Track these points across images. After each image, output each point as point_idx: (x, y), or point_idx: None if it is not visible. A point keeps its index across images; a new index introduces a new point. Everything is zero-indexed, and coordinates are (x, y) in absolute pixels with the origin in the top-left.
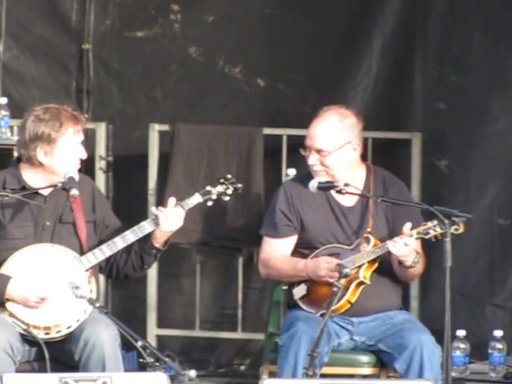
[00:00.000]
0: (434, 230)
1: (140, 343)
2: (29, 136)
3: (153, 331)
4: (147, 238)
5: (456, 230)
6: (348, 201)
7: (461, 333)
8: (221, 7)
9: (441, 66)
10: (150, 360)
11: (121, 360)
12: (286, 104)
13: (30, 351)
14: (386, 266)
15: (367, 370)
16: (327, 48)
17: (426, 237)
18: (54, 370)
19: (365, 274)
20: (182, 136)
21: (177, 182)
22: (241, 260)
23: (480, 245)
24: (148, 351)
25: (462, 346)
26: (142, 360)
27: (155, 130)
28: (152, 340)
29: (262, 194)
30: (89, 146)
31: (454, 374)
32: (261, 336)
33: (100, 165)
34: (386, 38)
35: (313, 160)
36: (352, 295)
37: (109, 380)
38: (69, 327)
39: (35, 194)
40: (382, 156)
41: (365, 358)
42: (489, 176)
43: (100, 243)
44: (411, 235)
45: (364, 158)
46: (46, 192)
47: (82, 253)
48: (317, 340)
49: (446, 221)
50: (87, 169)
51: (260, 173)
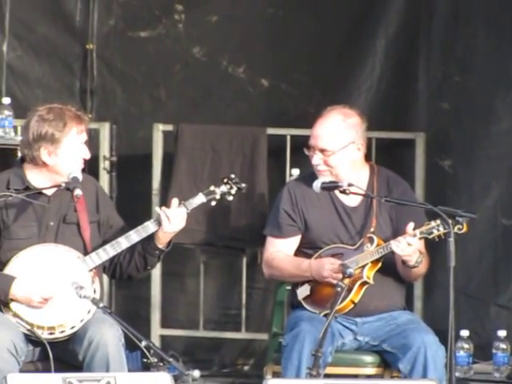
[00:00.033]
0: (438, 230)
1: (144, 343)
2: (32, 136)
3: (156, 331)
4: (150, 239)
5: (459, 229)
6: (352, 201)
7: (465, 333)
8: (224, 7)
9: (445, 66)
10: (153, 360)
11: (125, 360)
12: (289, 104)
13: (33, 351)
14: (389, 266)
15: (371, 370)
16: (331, 48)
17: (430, 236)
18: (58, 370)
19: (368, 273)
20: (185, 136)
21: (181, 182)
22: (244, 260)
23: (484, 245)
24: (152, 351)
25: (466, 346)
26: (145, 360)
27: (159, 130)
28: (156, 340)
29: (265, 193)
30: (92, 146)
31: (457, 374)
32: (264, 336)
33: (104, 165)
34: (389, 38)
35: (317, 160)
36: (356, 295)
37: (113, 380)
38: (73, 327)
39: (39, 194)
40: (385, 156)
41: (369, 358)
42: (493, 176)
43: (104, 243)
44: (414, 235)
45: (368, 157)
46: (49, 192)
47: (85, 253)
48: (320, 340)
49: (450, 220)
50: (91, 169)
51: (264, 173)
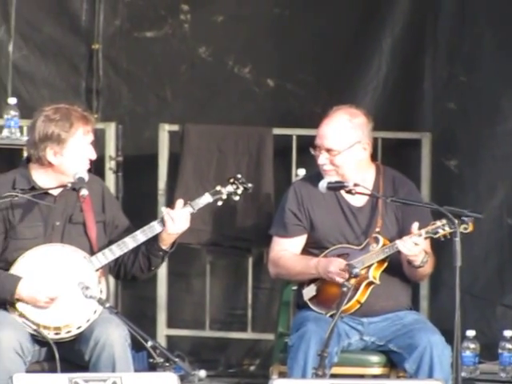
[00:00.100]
0: (443, 230)
1: (150, 343)
2: (38, 136)
3: (163, 331)
4: (154, 240)
5: (465, 228)
6: (357, 201)
7: (471, 333)
8: (230, 7)
9: (451, 66)
10: (159, 360)
11: (131, 360)
12: (295, 104)
13: (40, 351)
14: (395, 266)
15: (377, 370)
16: (337, 48)
17: (435, 236)
18: (64, 370)
19: (374, 273)
20: (191, 136)
21: (187, 182)
22: (251, 260)
23: (490, 245)
24: (158, 351)
25: (472, 346)
26: (151, 360)
27: (165, 130)
28: (162, 340)
29: (271, 193)
30: (98, 146)
31: (463, 374)
32: (270, 336)
33: (110, 165)
34: (395, 38)
35: (323, 159)
36: (362, 295)
37: (119, 380)
38: (79, 327)
39: (45, 194)
40: (391, 156)
41: (375, 358)
42: (499, 176)
43: (109, 243)
44: (420, 235)
45: (374, 157)
46: (55, 192)
47: (91, 253)
48: (326, 340)
49: (456, 220)
50: (97, 169)
51: (270, 173)
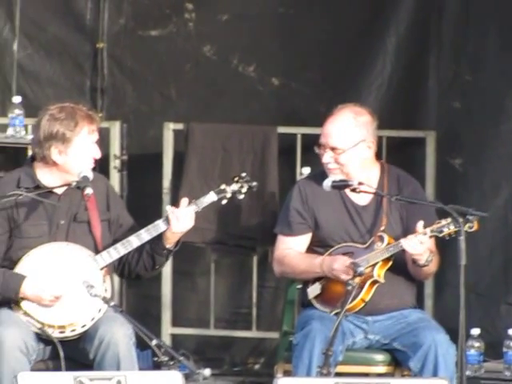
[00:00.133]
0: (448, 228)
1: (155, 342)
2: (43, 135)
3: (167, 330)
4: (158, 239)
5: (470, 227)
6: (362, 199)
7: (475, 331)
8: (235, 6)
9: (455, 65)
10: (164, 359)
11: (135, 359)
12: (300, 103)
13: (44, 350)
14: (400, 265)
15: (382, 369)
16: (341, 47)
17: (440, 235)
18: (69, 368)
19: (379, 272)
20: (196, 135)
21: (191, 181)
22: (255, 259)
23: (494, 243)
24: (163, 350)
25: (477, 344)
26: (156, 359)
27: (170, 129)
28: (166, 339)
29: (276, 192)
30: (103, 144)
31: (468, 373)
32: (275, 335)
33: (114, 164)
34: (400, 37)
35: (327, 158)
36: (366, 294)
37: (123, 379)
38: (83, 326)
39: (49, 192)
40: (396, 154)
41: (379, 356)
42: (503, 175)
43: (114, 242)
44: (425, 233)
45: (378, 156)
46: (60, 191)
47: (96, 251)
48: (331, 339)
49: (461, 219)
50: (102, 168)
51: (274, 171)
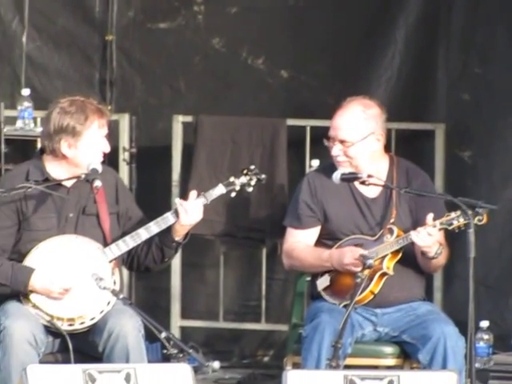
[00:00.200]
0: (458, 221)
1: (164, 334)
2: (53, 128)
3: (176, 322)
4: (168, 231)
5: (479, 220)
6: (371, 192)
7: (484, 324)
8: None
9: (465, 57)
10: (173, 351)
11: (144, 351)
12: (309, 95)
13: (53, 343)
14: (409, 257)
15: (391, 361)
16: (350, 39)
17: (450, 227)
18: (78, 361)
19: (388, 264)
20: (205, 127)
21: (200, 174)
22: (264, 251)
23: (504, 236)
24: (172, 342)
25: (486, 336)
26: (165, 351)
27: (179, 122)
28: (176, 331)
29: (285, 185)
30: (112, 137)
31: (477, 365)
32: (284, 327)
33: (123, 156)
34: (409, 29)
35: (336, 151)
36: (375, 286)
37: (132, 371)
38: (92, 319)
39: (58, 185)
40: (405, 147)
41: (388, 349)
42: None
43: (123, 235)
44: (434, 226)
45: (387, 149)
46: (68, 184)
47: (105, 244)
48: (340, 331)
49: (470, 211)
50: (111, 160)
51: (283, 164)
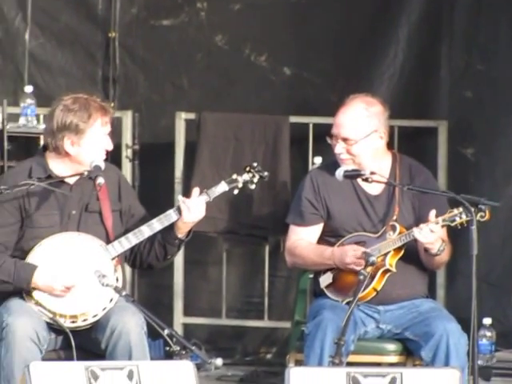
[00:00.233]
0: (460, 218)
1: (166, 331)
2: (57, 125)
3: (179, 319)
4: (170, 229)
5: (482, 216)
6: (374, 189)
7: (487, 321)
8: None
9: (467, 55)
10: (176, 348)
11: (147, 348)
12: (312, 92)
13: (56, 340)
14: (412, 254)
15: (393, 358)
16: (353, 36)
17: (452, 224)
18: (81, 358)
19: (391, 261)
20: (208, 124)
21: (203, 171)
22: (267, 248)
23: (506, 233)
24: (174, 339)
25: (488, 334)
26: (168, 348)
27: (181, 119)
28: (178, 328)
29: (288, 182)
30: (115, 134)
31: (480, 362)
32: (287, 324)
33: (126, 153)
34: (412, 27)
35: (339, 149)
36: (378, 283)
37: (135, 368)
38: (95, 316)
39: (61, 182)
40: (408, 144)
41: (391, 346)
42: None
43: (126, 232)
44: (437, 222)
45: (390, 146)
46: (71, 181)
47: (108, 241)
48: (343, 328)
49: (473, 208)
50: (113, 157)
51: (286, 161)
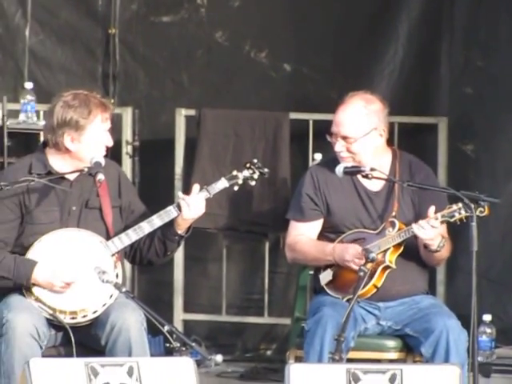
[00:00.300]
0: (459, 213)
1: (166, 328)
2: (57, 121)
3: (179, 316)
4: (170, 225)
5: (481, 212)
6: (374, 185)
7: (487, 317)
8: None
9: (467, 51)
10: (176, 345)
11: (147, 345)
12: (312, 89)
13: (56, 336)
14: (412, 251)
15: (394, 355)
16: (353, 33)
17: (451, 220)
18: (80, 354)
19: (390, 258)
20: (208, 121)
21: (203, 167)
22: (267, 245)
23: (506, 229)
24: (174, 336)
25: (488, 330)
26: (168, 345)
27: (181, 115)
28: (178, 325)
29: (288, 178)
30: (115, 130)
31: (480, 359)
32: (287, 321)
33: (126, 150)
34: (412, 23)
35: (339, 147)
36: (378, 280)
37: (135, 365)
38: (95, 312)
39: (61, 178)
40: (408, 141)
41: (391, 342)
42: None
43: (126, 228)
44: (436, 218)
45: (390, 142)
46: (71, 177)
47: (108, 238)
48: (343, 325)
49: (472, 205)
50: (113, 154)
51: (286, 157)
